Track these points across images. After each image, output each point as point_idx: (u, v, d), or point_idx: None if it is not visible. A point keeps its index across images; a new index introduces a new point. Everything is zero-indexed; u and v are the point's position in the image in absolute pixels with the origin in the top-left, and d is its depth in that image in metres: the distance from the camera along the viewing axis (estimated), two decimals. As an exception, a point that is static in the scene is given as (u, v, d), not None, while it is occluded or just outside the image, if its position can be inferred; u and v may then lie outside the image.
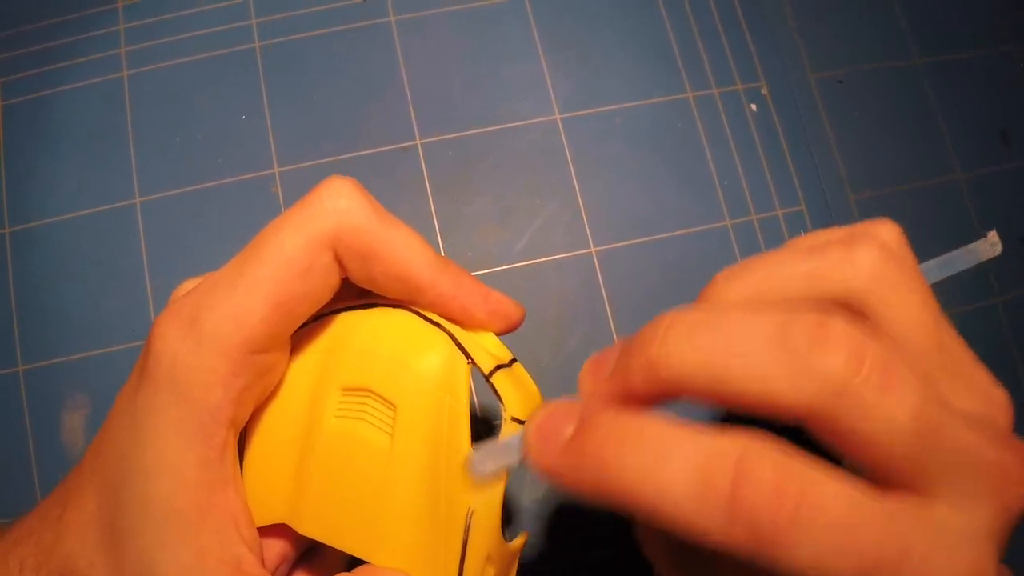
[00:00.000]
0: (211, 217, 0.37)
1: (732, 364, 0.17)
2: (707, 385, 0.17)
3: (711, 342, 0.17)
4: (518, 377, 0.25)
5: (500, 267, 0.37)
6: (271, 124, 0.38)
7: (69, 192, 0.38)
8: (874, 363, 0.16)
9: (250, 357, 0.22)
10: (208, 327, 0.21)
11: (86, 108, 0.39)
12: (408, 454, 0.22)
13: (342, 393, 0.23)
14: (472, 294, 0.24)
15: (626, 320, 0.37)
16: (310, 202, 0.22)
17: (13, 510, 0.34)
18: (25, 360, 0.36)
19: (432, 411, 0.22)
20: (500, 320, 0.25)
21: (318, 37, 0.40)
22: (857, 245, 0.19)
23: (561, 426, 0.18)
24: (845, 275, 0.19)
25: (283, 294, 0.22)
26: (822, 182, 0.40)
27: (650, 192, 0.39)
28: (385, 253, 0.23)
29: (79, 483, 0.23)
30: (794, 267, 0.20)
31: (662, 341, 0.18)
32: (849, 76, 0.42)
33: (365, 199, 0.23)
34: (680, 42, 0.41)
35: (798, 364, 0.16)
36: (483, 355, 0.24)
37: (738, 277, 0.21)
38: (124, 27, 0.40)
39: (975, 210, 0.40)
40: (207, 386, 0.21)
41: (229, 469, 0.22)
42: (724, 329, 0.17)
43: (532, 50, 0.40)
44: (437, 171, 0.38)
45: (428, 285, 0.23)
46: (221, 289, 0.22)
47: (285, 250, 0.22)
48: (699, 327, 0.17)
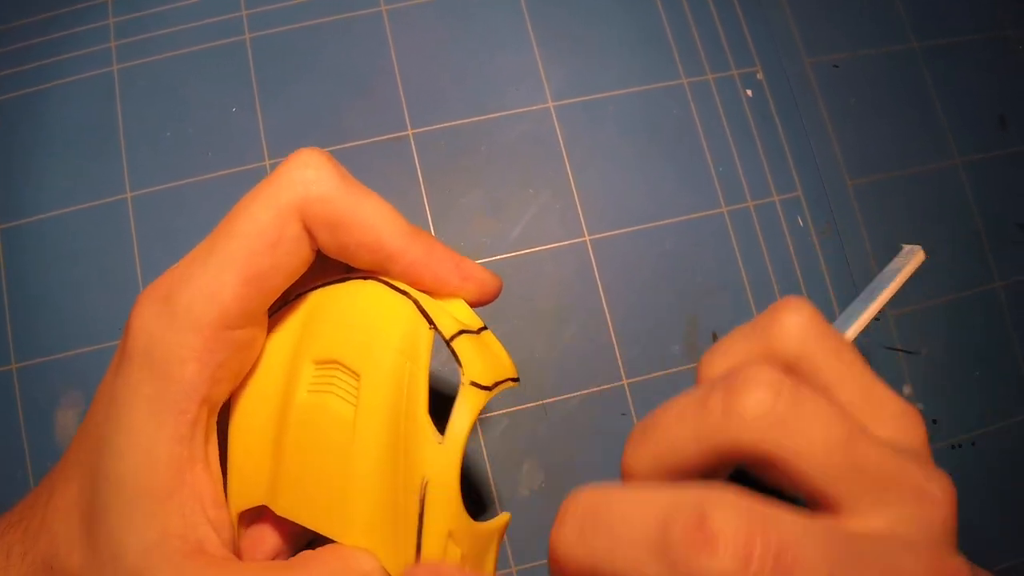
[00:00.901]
0: (203, 211, 0.37)
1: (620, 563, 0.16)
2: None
3: (596, 539, 0.17)
4: (485, 344, 0.24)
5: (494, 257, 0.37)
6: (262, 116, 0.38)
7: (60, 188, 0.37)
8: (763, 558, 0.15)
9: (225, 333, 0.22)
10: (182, 303, 0.21)
11: (76, 103, 0.38)
12: (369, 424, 0.22)
13: (315, 367, 0.23)
14: (443, 261, 0.24)
15: (622, 309, 0.37)
16: (278, 174, 0.22)
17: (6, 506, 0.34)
18: (18, 358, 0.36)
19: (394, 378, 0.22)
20: (474, 286, 0.25)
21: (309, 28, 0.39)
22: (738, 393, 0.18)
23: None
24: (731, 432, 0.18)
25: (254, 267, 0.22)
26: (819, 168, 0.39)
27: (645, 180, 0.38)
28: (354, 222, 0.23)
29: (65, 469, 0.24)
30: (683, 429, 0.18)
31: (556, 532, 0.17)
32: (845, 61, 0.41)
33: (333, 168, 0.23)
34: (674, 27, 0.40)
35: (681, 572, 0.15)
36: (448, 321, 0.23)
37: (637, 444, 0.20)
38: (114, 21, 0.39)
39: (973, 195, 0.40)
40: (181, 361, 0.21)
41: (200, 447, 0.22)
42: (611, 522, 0.17)
43: (525, 38, 0.40)
44: (429, 161, 0.38)
45: (399, 253, 0.23)
46: (195, 266, 0.22)
47: (254, 223, 0.22)
48: (588, 520, 0.17)
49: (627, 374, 0.36)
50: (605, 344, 0.36)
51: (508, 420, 0.35)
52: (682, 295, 0.37)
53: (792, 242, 0.38)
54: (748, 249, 0.38)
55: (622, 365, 0.36)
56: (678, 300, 0.37)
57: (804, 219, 0.39)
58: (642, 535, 0.16)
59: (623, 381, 0.36)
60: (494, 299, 0.26)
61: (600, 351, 0.36)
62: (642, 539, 0.16)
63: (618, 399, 0.36)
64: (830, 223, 0.39)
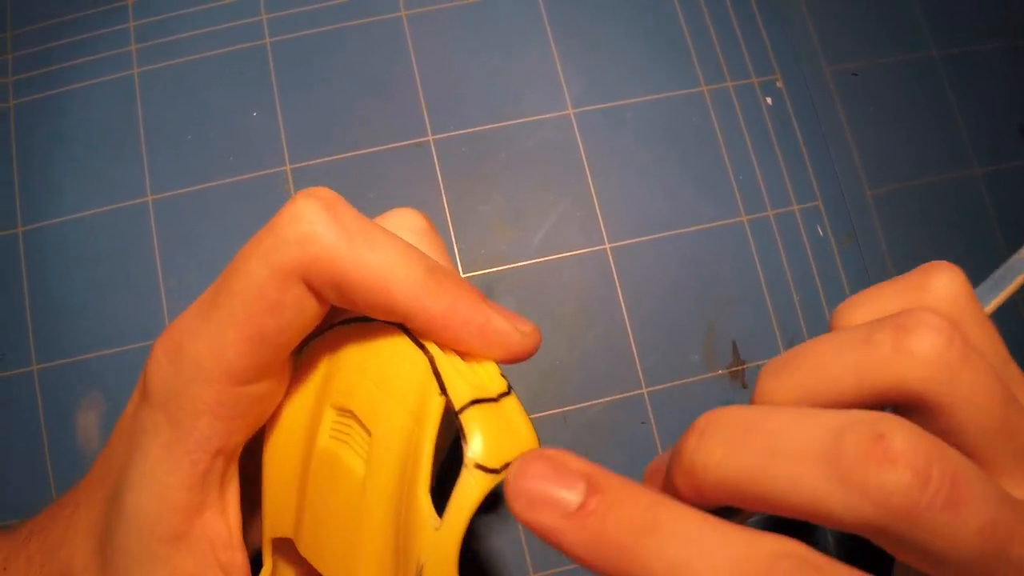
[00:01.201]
0: (223, 215, 0.37)
1: (777, 479, 0.16)
2: (750, 497, 0.16)
3: (751, 452, 0.16)
4: (504, 413, 0.21)
5: (514, 264, 0.37)
6: (283, 121, 0.38)
7: (81, 190, 0.38)
8: (941, 482, 0.15)
9: (236, 388, 0.21)
10: (190, 357, 0.21)
11: (97, 106, 0.39)
12: (377, 489, 0.21)
13: (335, 413, 0.23)
14: (467, 323, 0.21)
15: (641, 317, 0.37)
16: (272, 229, 0.20)
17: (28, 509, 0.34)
18: (39, 359, 0.36)
19: (401, 443, 0.21)
20: (500, 351, 0.22)
21: (329, 32, 0.39)
22: (910, 333, 0.17)
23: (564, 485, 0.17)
24: (898, 370, 0.17)
25: (256, 328, 0.20)
26: (838, 176, 0.39)
27: (665, 188, 0.38)
28: (360, 281, 0.20)
29: (88, 488, 0.24)
30: (840, 361, 0.18)
31: (697, 448, 0.17)
32: (865, 69, 0.41)
33: (332, 220, 0.20)
34: (694, 35, 0.40)
35: (854, 483, 0.15)
36: (464, 386, 0.21)
37: (782, 374, 0.19)
38: (134, 24, 0.40)
39: (993, 205, 0.40)
40: (194, 414, 0.21)
41: (213, 493, 0.22)
42: (766, 436, 0.16)
43: (545, 45, 0.40)
44: (450, 167, 0.38)
45: (414, 313, 0.21)
46: (199, 319, 0.21)
47: (251, 283, 0.20)
48: (738, 431, 0.16)
49: (647, 382, 0.36)
50: (625, 352, 0.36)
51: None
52: (701, 304, 0.37)
53: (812, 251, 0.38)
54: (767, 258, 0.38)
55: (642, 373, 0.36)
56: (697, 308, 0.37)
57: (824, 228, 0.39)
58: (807, 449, 0.15)
59: (643, 389, 0.36)
60: (528, 357, 0.23)
61: (620, 359, 0.36)
62: (807, 452, 0.15)
63: (638, 407, 0.36)
64: (850, 232, 0.39)
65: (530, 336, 0.22)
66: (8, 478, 0.35)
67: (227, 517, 0.22)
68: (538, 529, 0.17)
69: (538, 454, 0.18)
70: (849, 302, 0.21)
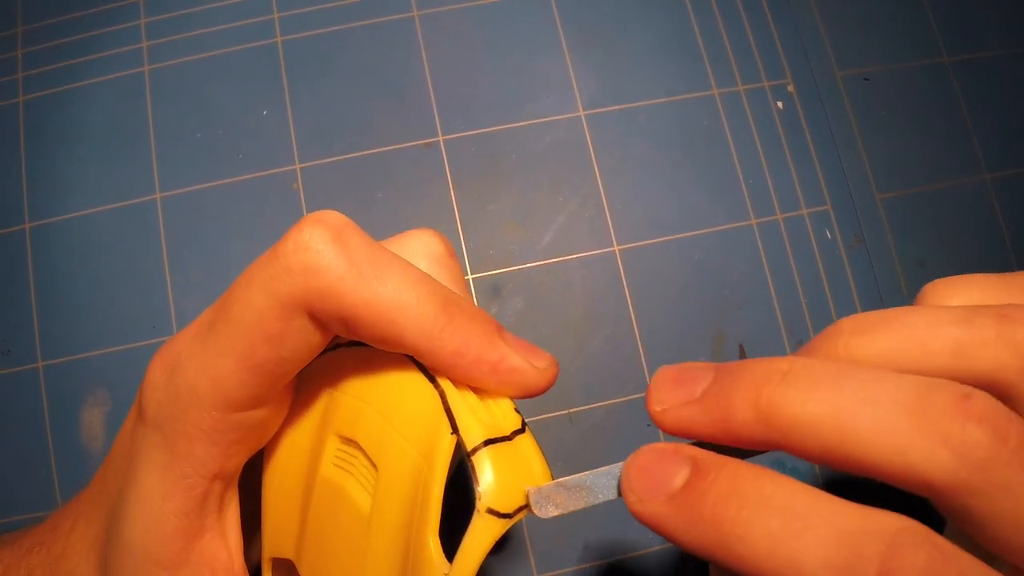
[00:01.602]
0: (232, 213, 0.37)
1: (861, 423, 0.16)
2: (827, 442, 0.16)
3: (839, 396, 0.16)
4: (518, 454, 0.20)
5: (523, 265, 0.37)
6: (292, 120, 0.38)
7: (89, 187, 0.38)
8: (1019, 442, 0.15)
9: (232, 415, 0.20)
10: (186, 381, 0.20)
11: (107, 103, 0.39)
12: (383, 527, 0.20)
13: (339, 440, 0.22)
14: (479, 362, 0.20)
15: (649, 319, 0.37)
16: (276, 255, 0.19)
17: (33, 505, 0.34)
18: (45, 356, 0.36)
19: (410, 482, 0.20)
20: (514, 390, 0.21)
21: (340, 32, 0.39)
22: (1016, 322, 0.17)
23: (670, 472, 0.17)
24: (999, 356, 0.17)
25: (255, 359, 0.19)
26: (848, 181, 0.39)
27: (674, 190, 0.38)
28: (368, 317, 0.19)
29: (89, 500, 0.23)
30: (938, 335, 0.18)
31: (781, 383, 0.16)
32: (876, 74, 0.41)
33: (340, 250, 0.19)
34: (706, 38, 0.40)
35: (939, 434, 0.15)
36: (476, 425, 0.20)
37: (870, 332, 0.18)
38: (145, 21, 0.40)
39: (1002, 210, 0.40)
40: (189, 439, 0.20)
41: (211, 517, 0.21)
42: (854, 384, 0.16)
43: (556, 46, 0.40)
44: (460, 168, 0.38)
45: (424, 351, 0.20)
46: (197, 342, 0.20)
47: (252, 312, 0.19)
48: (825, 378, 0.16)
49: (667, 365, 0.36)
50: (632, 354, 0.36)
51: (534, 428, 0.35)
52: (709, 306, 0.37)
53: (820, 255, 0.38)
54: (776, 262, 0.38)
55: (649, 375, 0.36)
56: (705, 311, 0.37)
57: (833, 232, 0.38)
58: (896, 398, 0.16)
59: (650, 392, 0.36)
60: (545, 392, 0.22)
61: (627, 361, 0.36)
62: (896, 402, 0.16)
63: (644, 409, 0.35)
64: (859, 237, 0.39)
65: (546, 372, 0.21)
66: (12, 475, 0.35)
67: (227, 541, 0.22)
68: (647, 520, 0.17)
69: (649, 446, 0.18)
70: (948, 282, 0.20)
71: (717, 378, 0.18)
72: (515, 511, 0.19)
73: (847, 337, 0.19)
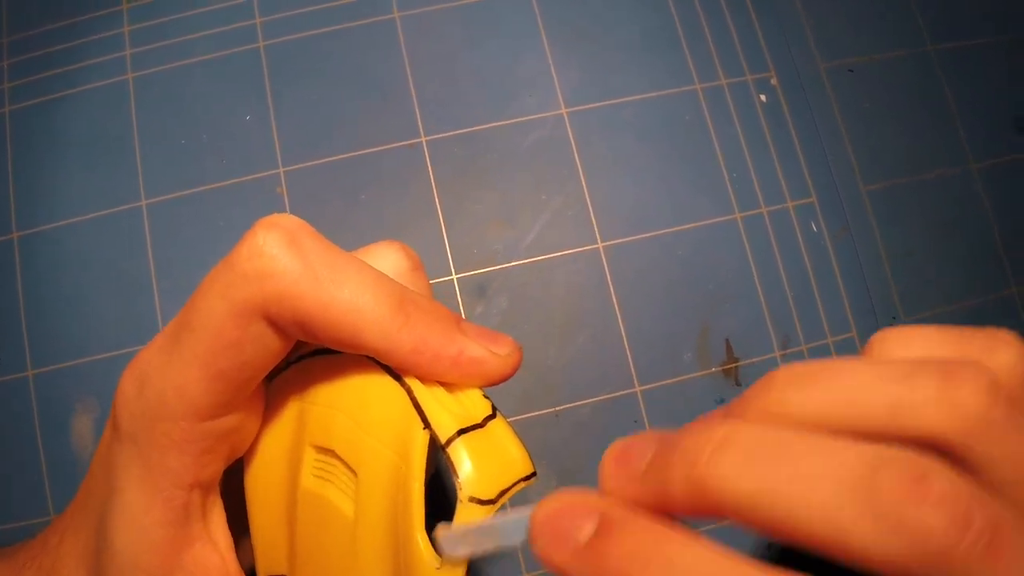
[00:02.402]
0: (217, 218, 0.37)
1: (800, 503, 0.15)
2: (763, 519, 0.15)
3: (775, 472, 0.15)
4: (493, 439, 0.21)
5: (507, 264, 0.37)
6: (275, 124, 0.38)
7: (76, 195, 0.38)
8: (983, 528, 0.14)
9: (202, 424, 0.20)
10: (154, 392, 0.20)
11: (92, 111, 0.39)
12: (368, 530, 0.21)
13: (315, 451, 0.22)
14: (438, 357, 0.20)
15: (634, 315, 0.37)
16: (231, 262, 0.19)
17: (24, 513, 0.35)
18: (34, 365, 0.36)
19: (389, 483, 0.20)
20: (477, 380, 0.21)
21: (322, 35, 0.40)
22: (958, 381, 0.16)
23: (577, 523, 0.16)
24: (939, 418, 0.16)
25: (218, 366, 0.20)
26: (833, 173, 0.39)
27: (658, 186, 0.38)
28: (324, 319, 0.19)
29: (75, 515, 0.24)
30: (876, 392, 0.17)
31: (712, 458, 0.16)
32: (860, 65, 0.41)
33: (295, 254, 0.19)
34: (687, 32, 0.40)
35: (888, 518, 0.14)
36: (446, 417, 0.20)
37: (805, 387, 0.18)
38: (129, 29, 0.40)
39: (989, 200, 0.40)
40: (162, 450, 0.20)
41: (197, 525, 0.21)
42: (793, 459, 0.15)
43: (538, 44, 0.40)
44: (442, 168, 0.38)
45: (383, 351, 0.20)
46: (163, 353, 0.20)
47: (211, 319, 0.19)
48: (760, 451, 0.15)
49: (639, 381, 0.36)
50: (618, 351, 0.36)
51: (520, 426, 0.35)
52: (695, 301, 0.37)
53: (806, 248, 0.38)
54: (762, 255, 0.38)
55: (634, 372, 0.36)
56: (691, 306, 0.37)
57: (818, 225, 0.38)
58: (839, 475, 0.15)
59: (635, 388, 0.36)
60: (509, 378, 0.22)
61: (613, 358, 0.36)
62: (839, 479, 0.15)
63: (630, 406, 0.36)
64: (844, 228, 0.39)
65: (509, 357, 0.21)
66: (3, 482, 0.35)
67: (217, 546, 0.22)
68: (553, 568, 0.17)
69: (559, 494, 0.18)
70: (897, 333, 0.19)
71: (657, 451, 0.17)
72: (497, 496, 0.20)
73: (780, 391, 0.18)
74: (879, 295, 0.38)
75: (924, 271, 0.39)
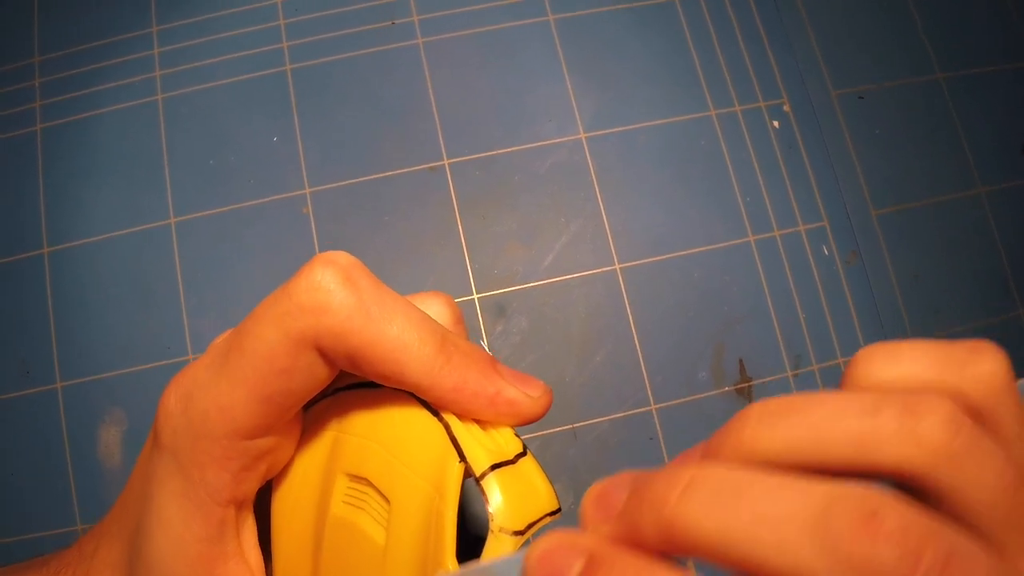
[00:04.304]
0: (244, 237, 0.38)
1: (761, 544, 0.15)
2: (729, 560, 0.16)
3: (737, 514, 0.16)
4: (523, 476, 0.22)
5: (526, 284, 0.38)
6: (302, 146, 0.39)
7: (105, 213, 0.39)
8: (933, 561, 0.14)
9: (243, 443, 0.21)
10: (198, 410, 0.21)
11: (122, 131, 0.40)
12: (399, 556, 0.21)
13: (348, 479, 0.23)
14: (476, 396, 0.21)
15: (650, 335, 0.37)
16: (288, 293, 0.20)
17: (52, 522, 0.35)
18: (63, 377, 0.37)
19: (422, 512, 0.21)
20: (511, 420, 0.22)
21: (347, 60, 0.41)
22: (920, 414, 0.17)
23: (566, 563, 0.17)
24: (902, 450, 0.17)
25: (266, 390, 0.20)
26: (844, 198, 0.40)
27: (674, 209, 0.39)
28: (373, 355, 0.20)
29: (111, 525, 0.24)
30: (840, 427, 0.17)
31: (679, 502, 0.16)
32: (871, 92, 0.42)
33: (351, 290, 0.20)
34: (703, 60, 0.41)
35: (841, 555, 0.14)
36: (481, 452, 0.21)
37: (773, 424, 0.18)
38: (159, 51, 0.41)
39: (996, 223, 0.41)
40: (202, 466, 0.21)
41: (231, 542, 0.22)
42: (754, 500, 0.16)
43: (557, 71, 0.41)
44: (464, 191, 0.39)
45: (425, 388, 0.21)
46: (211, 372, 0.21)
47: (264, 346, 0.20)
48: (723, 493, 0.16)
49: (655, 399, 0.37)
50: (634, 370, 0.37)
51: (539, 443, 0.36)
52: (709, 322, 0.38)
53: (817, 271, 0.39)
54: (774, 277, 0.38)
55: (650, 390, 0.37)
56: (705, 327, 0.38)
57: (829, 248, 0.39)
58: (795, 515, 0.15)
59: (651, 406, 0.37)
60: (540, 418, 0.23)
61: (629, 376, 0.37)
62: (795, 519, 0.15)
63: (646, 423, 0.36)
64: (855, 252, 0.39)
65: (540, 400, 0.22)
66: (32, 492, 0.36)
67: (249, 565, 0.22)
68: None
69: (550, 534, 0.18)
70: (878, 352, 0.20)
71: (630, 496, 0.17)
72: (525, 528, 0.20)
73: (752, 428, 0.18)
74: (889, 316, 0.39)
75: (933, 293, 0.39)
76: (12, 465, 0.36)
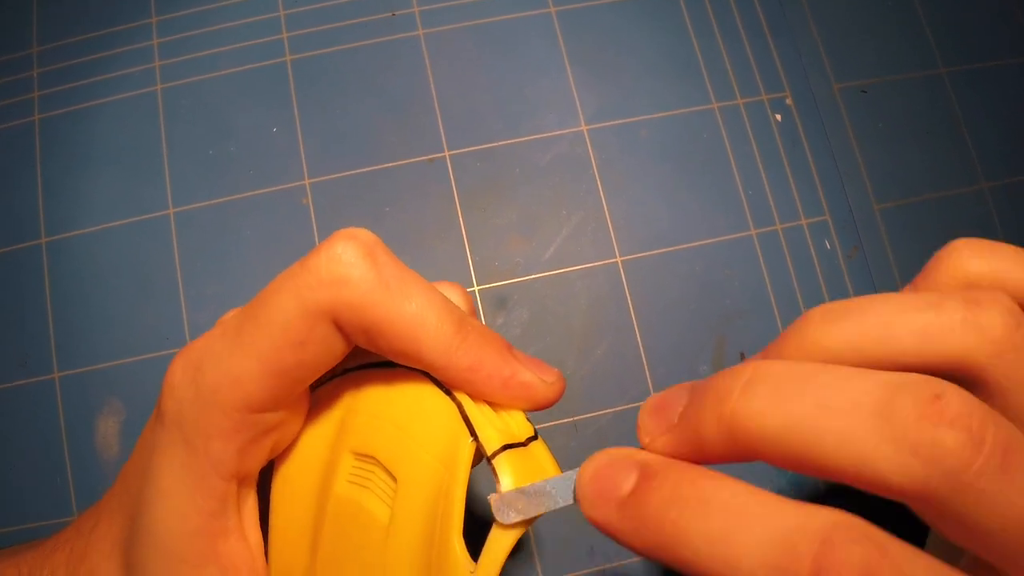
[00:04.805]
0: (243, 228, 0.38)
1: (825, 433, 0.15)
2: (792, 452, 0.15)
3: (801, 404, 0.15)
4: (534, 458, 0.22)
5: (527, 277, 0.38)
6: (302, 136, 0.39)
7: (104, 203, 0.38)
8: (995, 446, 0.14)
9: (252, 416, 0.21)
10: (209, 381, 0.20)
11: (121, 121, 0.40)
12: (403, 537, 0.21)
13: (354, 457, 0.23)
14: (491, 377, 0.21)
15: (651, 328, 0.37)
16: (309, 266, 0.20)
17: (49, 513, 0.35)
18: (61, 367, 0.37)
19: (430, 490, 0.21)
20: (524, 403, 0.22)
21: (348, 51, 0.40)
22: (983, 306, 0.17)
23: (619, 478, 0.17)
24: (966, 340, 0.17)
25: (280, 362, 0.20)
26: (846, 192, 0.40)
27: (675, 202, 0.39)
28: (390, 330, 0.20)
29: (110, 502, 0.24)
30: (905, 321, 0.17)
31: (742, 396, 0.16)
32: (873, 86, 0.42)
33: (371, 265, 0.20)
34: (705, 53, 0.41)
35: (906, 441, 0.14)
36: (493, 432, 0.21)
37: (837, 321, 0.18)
38: (158, 42, 0.41)
39: (1001, 220, 0.40)
40: (208, 437, 0.21)
41: (233, 518, 0.22)
42: (817, 390, 0.15)
43: (559, 62, 0.40)
44: (465, 183, 0.39)
45: (441, 368, 0.21)
46: (224, 342, 0.21)
47: (281, 316, 0.20)
48: (787, 384, 0.16)
49: (656, 392, 0.36)
50: (635, 363, 0.37)
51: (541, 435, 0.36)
52: (710, 316, 0.38)
53: (820, 265, 0.39)
54: (776, 271, 0.38)
55: (651, 383, 0.37)
56: (706, 321, 0.38)
57: (832, 242, 0.39)
58: (860, 403, 0.15)
59: (652, 400, 0.36)
60: (553, 405, 0.23)
61: (630, 369, 0.37)
62: (860, 407, 0.15)
63: (647, 417, 0.36)
64: (857, 247, 0.39)
65: (554, 385, 0.22)
66: (29, 483, 0.36)
67: (248, 542, 0.22)
68: (599, 525, 0.17)
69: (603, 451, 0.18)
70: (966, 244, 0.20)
71: (690, 400, 0.17)
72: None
73: (816, 327, 0.18)
74: None
75: (935, 289, 0.39)
76: (9, 455, 0.36)
